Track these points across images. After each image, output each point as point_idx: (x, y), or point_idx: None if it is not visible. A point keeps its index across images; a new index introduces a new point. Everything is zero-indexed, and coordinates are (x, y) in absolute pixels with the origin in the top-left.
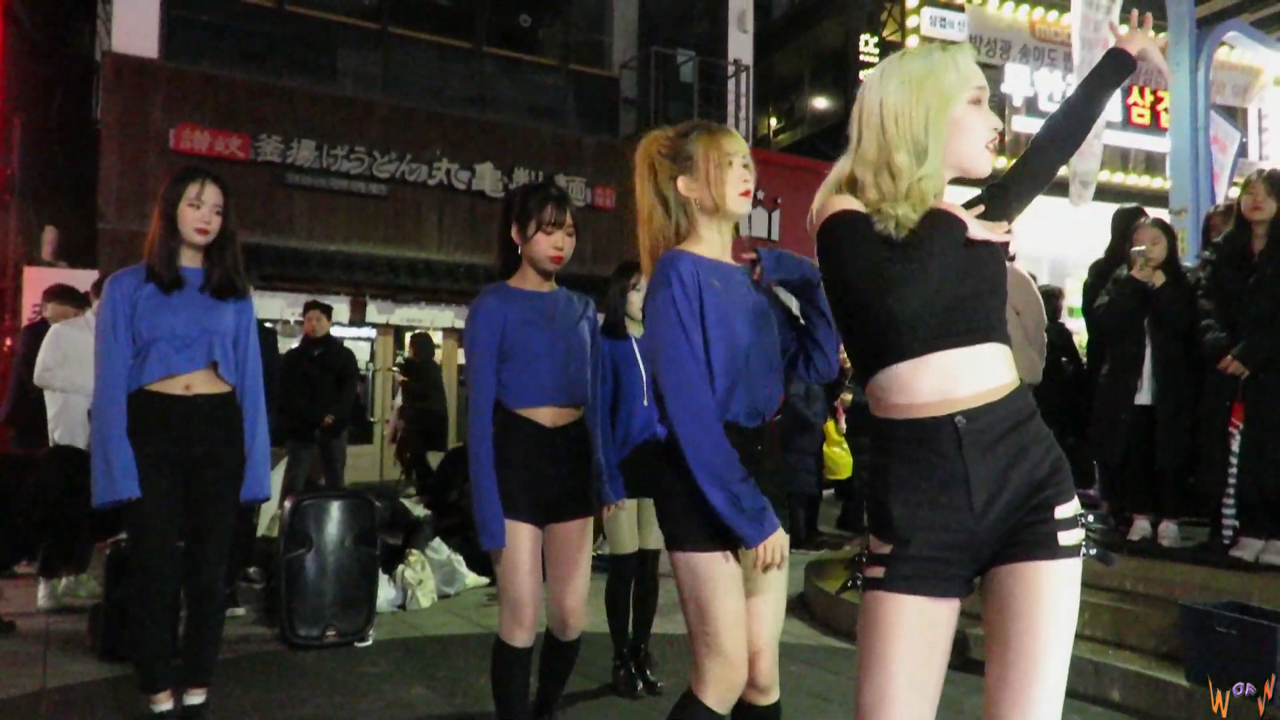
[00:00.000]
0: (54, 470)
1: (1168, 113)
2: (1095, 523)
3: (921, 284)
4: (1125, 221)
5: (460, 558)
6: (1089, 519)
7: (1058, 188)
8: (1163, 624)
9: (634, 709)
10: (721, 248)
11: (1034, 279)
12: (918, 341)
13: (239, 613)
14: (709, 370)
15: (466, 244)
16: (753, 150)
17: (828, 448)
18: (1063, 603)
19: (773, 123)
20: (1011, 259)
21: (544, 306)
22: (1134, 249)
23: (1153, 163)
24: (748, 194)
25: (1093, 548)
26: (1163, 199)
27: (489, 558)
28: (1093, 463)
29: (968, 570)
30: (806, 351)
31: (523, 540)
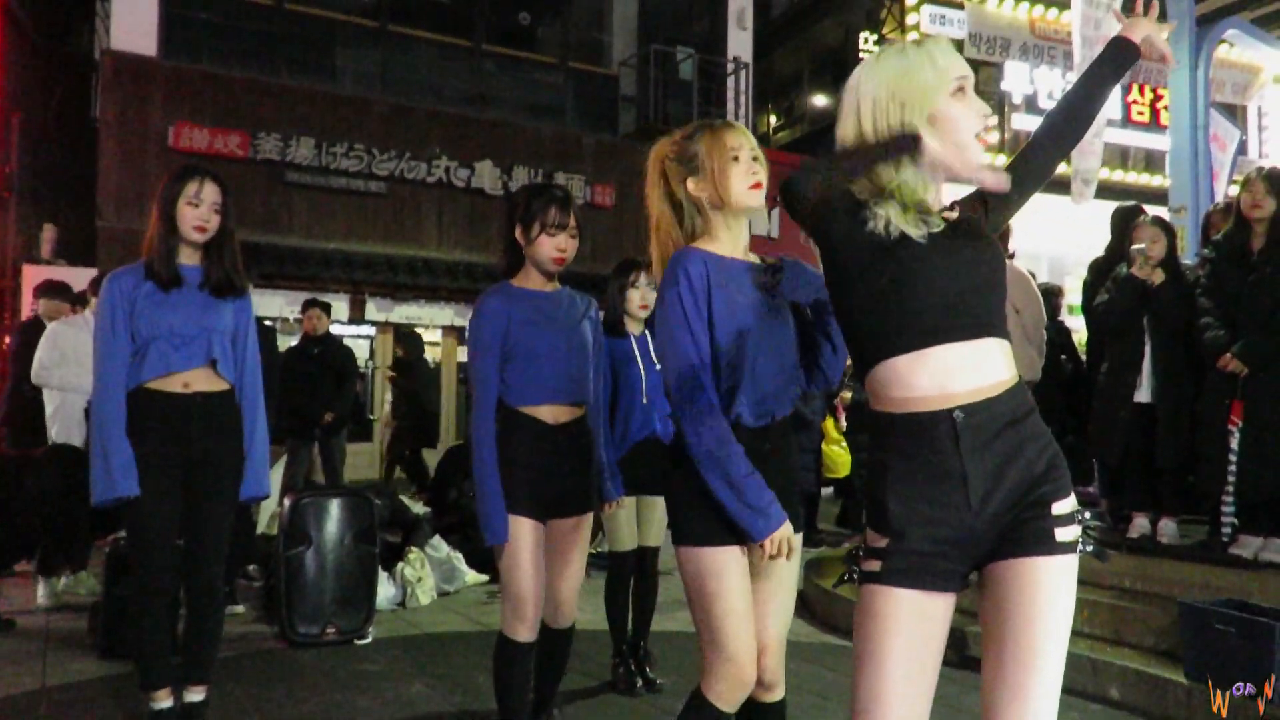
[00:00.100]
0: (53, 469)
1: (1167, 111)
2: (1091, 519)
3: (910, 284)
4: (1124, 220)
5: (460, 555)
6: (1085, 515)
7: (1057, 186)
8: (1162, 622)
9: (633, 706)
10: (733, 244)
11: (1033, 277)
12: (916, 336)
13: (238, 610)
14: (716, 367)
15: (466, 242)
16: None
17: (826, 446)
18: (1060, 598)
19: (772, 121)
20: (1011, 257)
21: (547, 306)
22: (1133, 247)
23: (1152, 161)
24: (758, 186)
25: (1089, 544)
26: (1162, 197)
27: (489, 555)
28: (1092, 460)
29: (964, 565)
30: (810, 364)
31: (525, 536)
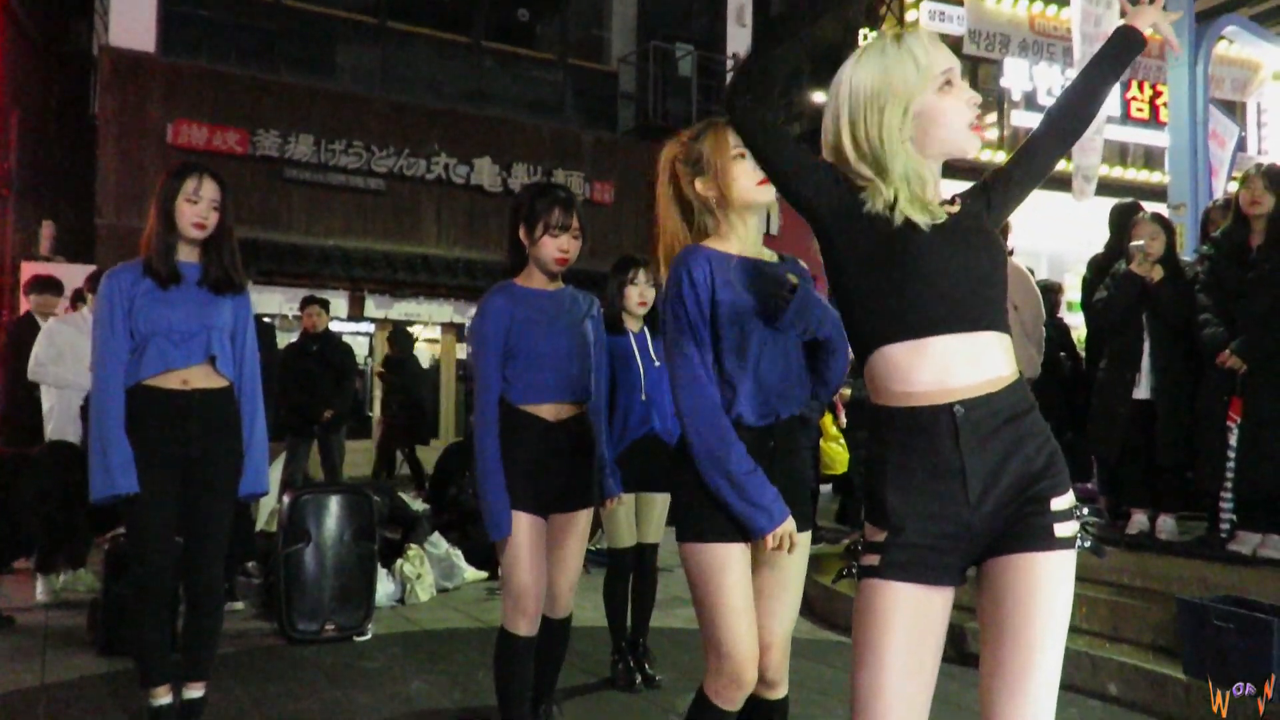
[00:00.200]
0: (50, 466)
1: (1166, 107)
2: (1090, 515)
3: (910, 274)
4: (1123, 217)
5: (459, 552)
6: (1084, 511)
7: (1057, 183)
8: (1160, 618)
9: (632, 702)
10: (743, 242)
11: (1032, 274)
12: (915, 325)
13: (238, 607)
14: (719, 366)
15: (465, 239)
16: None
17: (824, 443)
18: (1058, 594)
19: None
20: (1010, 254)
21: (549, 306)
22: (1133, 244)
23: (1151, 157)
24: (765, 182)
25: (1087, 540)
26: (1161, 194)
27: (488, 552)
28: (1090, 457)
29: (962, 560)
30: (811, 369)
31: (526, 531)
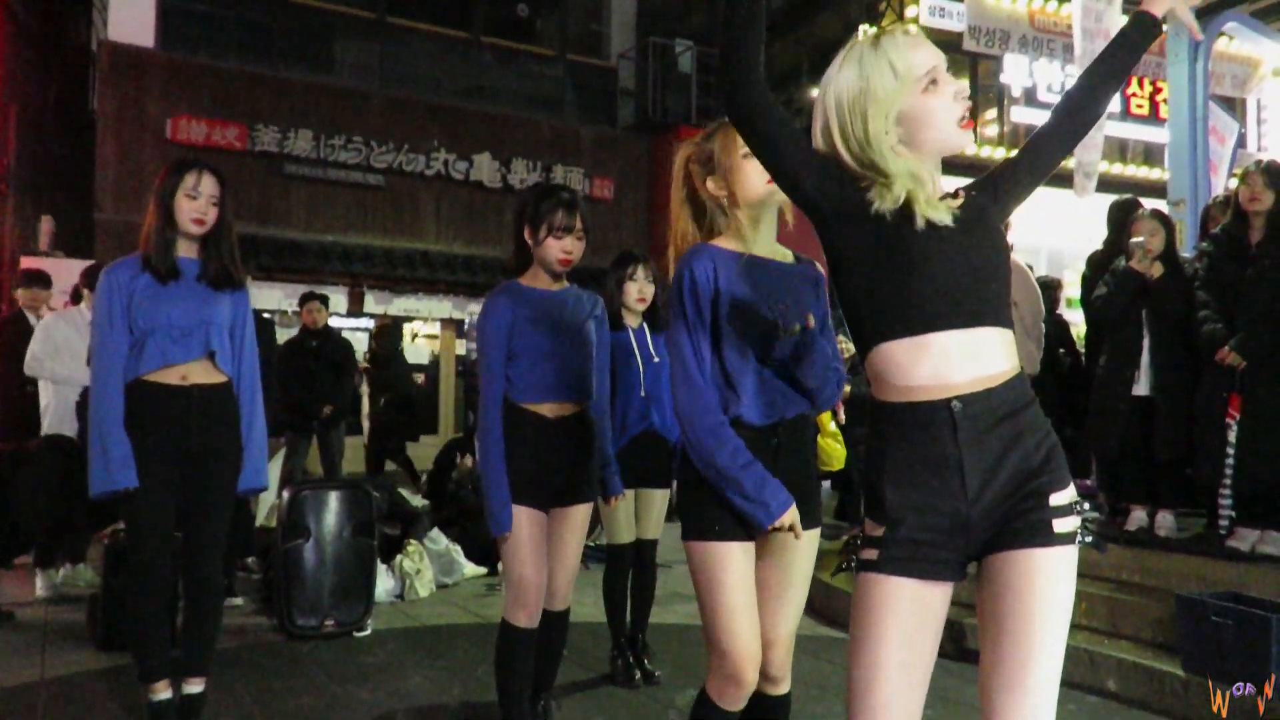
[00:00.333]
0: (48, 461)
1: (1166, 104)
2: (1089, 510)
3: (912, 269)
4: (1122, 213)
5: (458, 548)
6: (1084, 507)
7: (1057, 179)
8: (1159, 614)
9: (631, 698)
10: (756, 241)
11: (1032, 270)
12: (916, 321)
13: (237, 603)
14: (722, 364)
15: (464, 235)
16: None
17: (821, 439)
18: (1058, 590)
19: None
20: (1009, 250)
21: (552, 306)
22: (1132, 240)
23: (1151, 154)
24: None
25: (1086, 536)
26: (1161, 190)
27: (488, 548)
28: (1090, 454)
29: (960, 555)
30: None
31: (527, 525)
